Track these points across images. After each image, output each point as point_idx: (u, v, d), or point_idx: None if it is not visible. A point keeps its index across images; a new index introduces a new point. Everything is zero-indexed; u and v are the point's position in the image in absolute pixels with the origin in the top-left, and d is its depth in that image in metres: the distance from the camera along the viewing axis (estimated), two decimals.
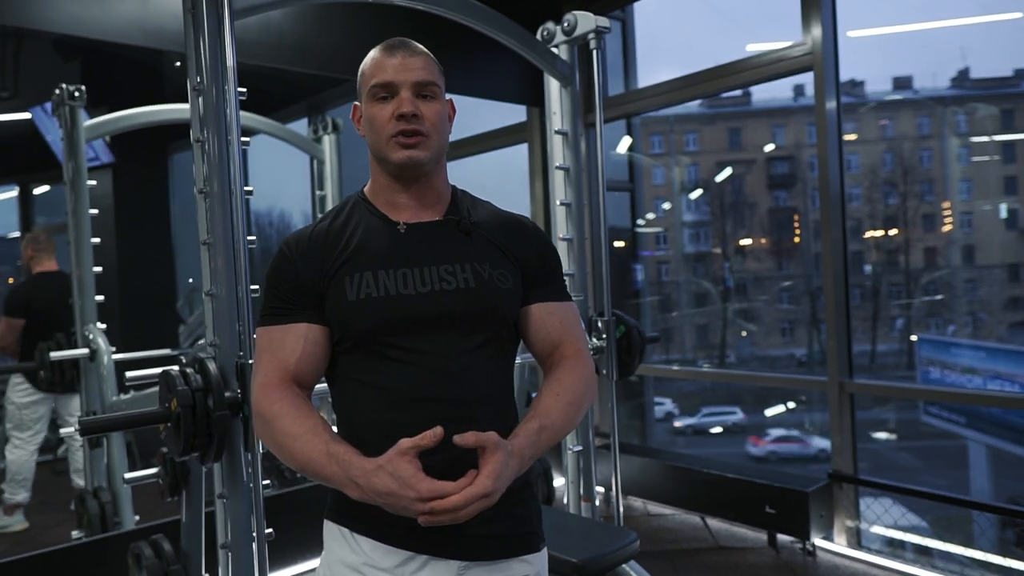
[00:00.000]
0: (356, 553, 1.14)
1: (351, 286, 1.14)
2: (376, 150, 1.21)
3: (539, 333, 1.25)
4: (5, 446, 3.88)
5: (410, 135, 1.16)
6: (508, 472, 1.04)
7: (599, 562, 1.88)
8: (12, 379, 3.79)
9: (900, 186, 15.09)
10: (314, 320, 1.16)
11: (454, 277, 1.16)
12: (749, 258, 16.12)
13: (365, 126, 1.23)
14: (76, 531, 3.08)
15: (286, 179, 6.63)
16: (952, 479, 9.64)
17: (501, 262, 1.21)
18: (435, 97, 1.20)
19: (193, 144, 1.63)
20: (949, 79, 14.47)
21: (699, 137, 16.61)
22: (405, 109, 1.16)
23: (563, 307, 1.28)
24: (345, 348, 1.16)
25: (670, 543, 3.40)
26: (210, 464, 1.60)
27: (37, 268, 3.86)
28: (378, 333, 1.13)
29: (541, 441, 1.12)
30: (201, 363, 1.58)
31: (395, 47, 1.21)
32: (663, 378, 7.55)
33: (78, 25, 2.57)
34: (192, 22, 1.60)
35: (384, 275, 1.15)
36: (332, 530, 1.19)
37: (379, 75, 1.18)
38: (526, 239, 1.27)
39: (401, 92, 1.17)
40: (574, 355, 1.24)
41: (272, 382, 1.14)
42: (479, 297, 1.16)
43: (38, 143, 5.04)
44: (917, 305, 14.50)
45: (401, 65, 1.18)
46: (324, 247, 1.18)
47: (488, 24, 2.22)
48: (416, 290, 1.15)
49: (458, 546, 1.11)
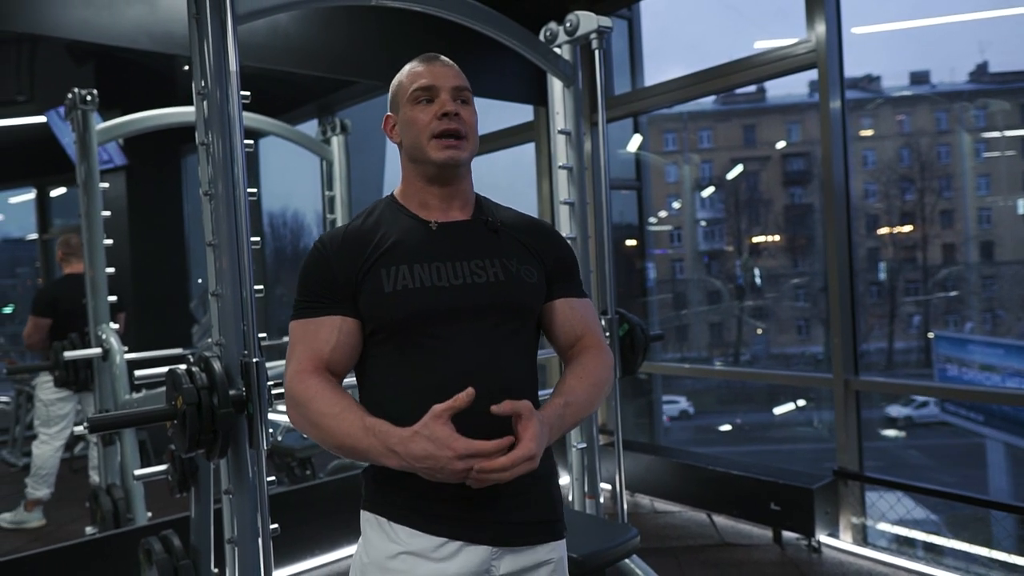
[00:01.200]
0: (394, 542, 1.19)
1: (387, 278, 1.20)
2: (416, 151, 1.27)
3: (563, 326, 1.32)
4: (32, 442, 3.97)
5: (452, 135, 1.24)
6: (543, 438, 1.11)
7: (599, 557, 1.91)
8: (41, 376, 3.88)
9: (917, 182, 14.93)
10: (348, 313, 1.21)
11: (484, 271, 1.23)
12: (764, 255, 16.02)
13: (404, 129, 1.29)
14: (90, 527, 3.15)
15: (299, 180, 6.69)
16: (968, 478, 9.53)
17: (527, 259, 1.29)
18: (470, 102, 1.29)
19: (198, 147, 1.67)
20: (967, 74, 14.29)
21: (713, 134, 16.51)
22: (449, 108, 1.24)
23: (584, 303, 1.36)
24: (378, 340, 1.22)
25: (676, 540, 3.41)
26: (215, 461, 1.64)
27: (67, 269, 3.96)
28: (413, 323, 1.18)
29: (567, 416, 1.19)
30: (206, 362, 1.61)
31: (431, 58, 1.30)
32: (676, 376, 7.53)
33: (89, 31, 2.63)
34: (196, 27, 1.63)
35: (419, 268, 1.21)
36: (369, 520, 1.24)
37: (419, 80, 1.27)
38: (548, 239, 1.35)
39: (442, 94, 1.25)
40: (595, 344, 1.32)
41: (306, 369, 1.19)
42: (509, 289, 1.23)
43: (54, 146, 5.13)
44: (934, 302, 14.34)
45: (440, 71, 1.27)
46: (358, 244, 1.24)
47: (490, 25, 2.24)
48: (449, 282, 1.21)
49: (491, 532, 1.17)
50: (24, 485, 3.94)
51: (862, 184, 13.56)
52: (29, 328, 3.87)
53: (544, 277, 1.30)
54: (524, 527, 1.20)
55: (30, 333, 3.87)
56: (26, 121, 5.56)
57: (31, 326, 3.86)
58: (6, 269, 9.41)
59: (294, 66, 3.22)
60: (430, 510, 1.17)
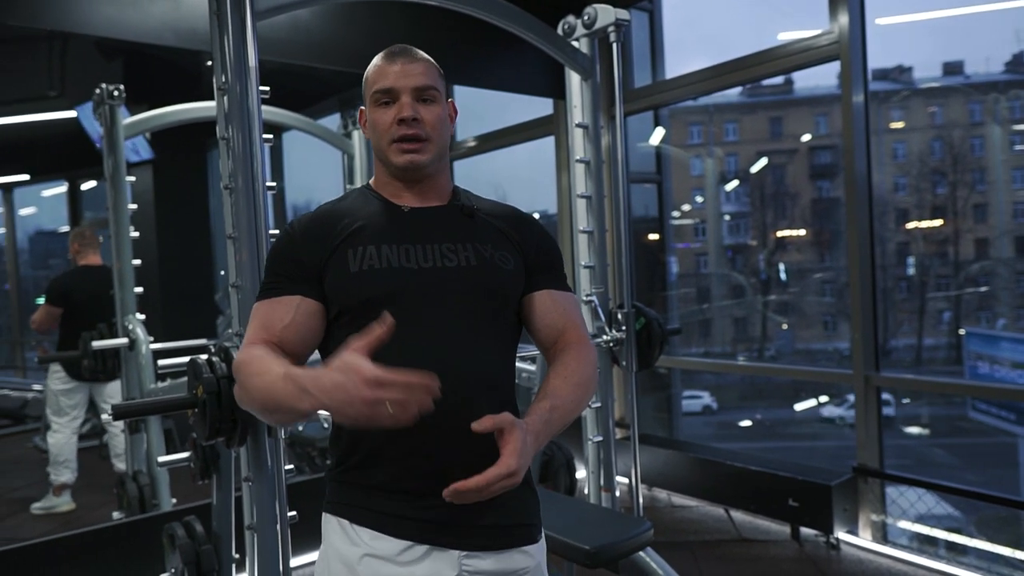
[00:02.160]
0: (356, 544, 1.14)
1: (353, 258, 1.17)
2: (379, 152, 1.26)
3: (544, 319, 1.27)
4: (47, 432, 4.07)
5: (411, 140, 1.21)
6: (527, 450, 1.04)
7: (612, 549, 1.91)
8: (51, 367, 3.97)
9: (949, 175, 14.64)
10: (308, 294, 1.18)
11: (455, 255, 1.19)
12: (789, 250, 15.82)
13: (369, 129, 1.28)
14: (117, 512, 3.22)
15: (321, 173, 6.75)
16: (998, 478, 9.35)
17: (503, 245, 1.25)
18: (435, 101, 1.24)
19: (219, 141, 1.70)
20: (1003, 63, 13.95)
21: (739, 127, 16.33)
22: (405, 114, 1.20)
23: (566, 296, 1.31)
24: (343, 322, 1.17)
25: (693, 534, 3.41)
26: (235, 449, 1.68)
27: (82, 261, 4.04)
28: (378, 304, 1.11)
29: (553, 420, 1.12)
30: (226, 352, 1.65)
31: (396, 54, 1.25)
32: (698, 372, 7.49)
33: (116, 28, 2.68)
34: (217, 23, 1.66)
35: (387, 249, 1.18)
36: (331, 522, 1.19)
37: (381, 81, 1.23)
38: (527, 229, 1.30)
39: (402, 97, 1.22)
40: (578, 341, 1.26)
41: (251, 342, 1.15)
42: (480, 274, 1.19)
43: (84, 140, 5.23)
44: (966, 298, 14.06)
45: (401, 71, 1.22)
46: (326, 225, 1.21)
47: (507, 19, 2.25)
48: (418, 264, 1.17)
49: (459, 536, 1.12)
50: (48, 472, 4.04)
51: (892, 177, 13.34)
52: (41, 314, 3.98)
53: (523, 266, 1.26)
54: (497, 530, 1.15)
55: (40, 319, 3.97)
56: (57, 116, 5.68)
57: (43, 312, 3.97)
58: (40, 260, 9.63)
59: (315, 61, 3.25)
60: (394, 511, 1.12)
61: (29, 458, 4.99)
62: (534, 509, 1.24)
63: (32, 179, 7.94)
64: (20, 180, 7.97)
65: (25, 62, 4.91)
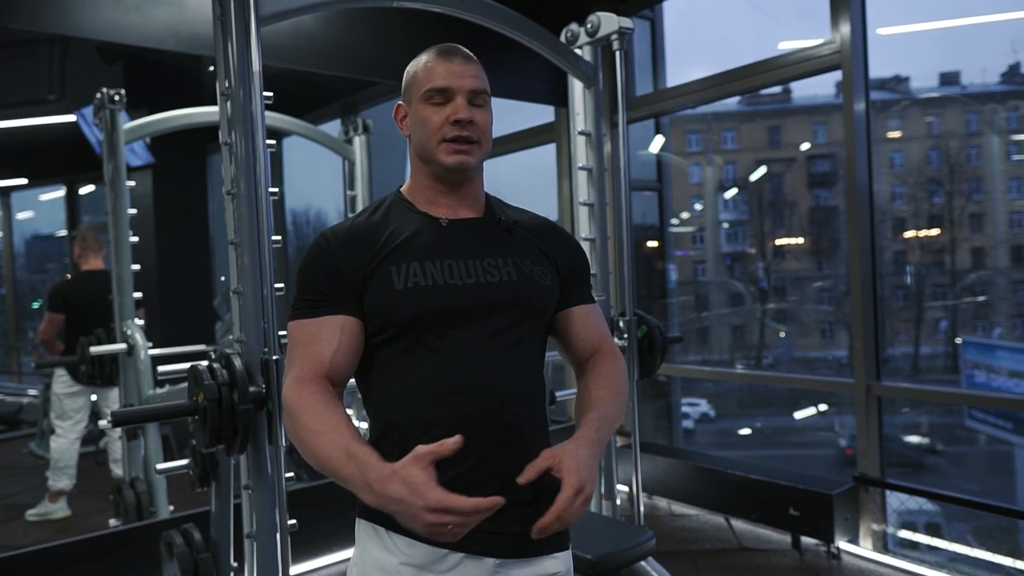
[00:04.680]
0: (391, 552, 1.14)
1: (398, 275, 1.15)
2: (424, 151, 1.22)
3: (580, 334, 1.29)
4: (50, 436, 4.05)
5: (463, 141, 1.19)
6: (585, 462, 1.06)
7: (613, 559, 1.90)
8: (56, 371, 3.96)
9: (946, 184, 14.68)
10: (351, 312, 1.16)
11: (498, 270, 1.19)
12: (788, 258, 15.84)
13: (414, 127, 1.23)
14: (114, 519, 3.20)
15: (322, 179, 6.75)
16: (995, 487, 9.34)
17: (540, 260, 1.25)
18: (485, 105, 1.23)
19: (222, 146, 1.69)
20: (999, 74, 14.02)
21: (737, 135, 16.38)
22: (463, 115, 1.18)
23: (595, 309, 1.34)
24: (384, 339, 1.16)
25: (693, 543, 3.39)
26: (235, 456, 1.66)
27: (84, 266, 4.03)
28: (424, 322, 1.13)
29: (603, 428, 1.15)
30: (227, 359, 1.64)
31: (451, 53, 1.22)
32: (696, 379, 7.48)
33: (117, 32, 2.67)
34: (221, 28, 1.65)
35: (431, 265, 1.16)
36: (366, 528, 1.18)
37: (435, 79, 1.20)
38: (561, 242, 1.31)
39: (457, 98, 1.19)
40: (611, 351, 1.30)
41: (306, 376, 1.13)
42: (522, 290, 1.19)
43: (83, 145, 5.22)
44: (962, 307, 14.08)
45: (458, 71, 1.20)
46: (366, 239, 1.18)
47: (511, 26, 2.25)
48: (462, 280, 1.16)
49: (493, 543, 1.13)
50: (47, 478, 4.02)
51: (889, 187, 13.36)
52: (44, 324, 3.99)
53: (557, 280, 1.26)
54: (528, 537, 1.12)
55: (44, 329, 3.99)
56: (56, 120, 5.67)
57: (45, 322, 3.98)
58: (36, 265, 9.60)
59: (317, 67, 3.25)
60: None
61: (25, 464, 4.96)
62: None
63: (30, 183, 7.93)
64: (18, 184, 7.96)
65: (25, 65, 4.90)
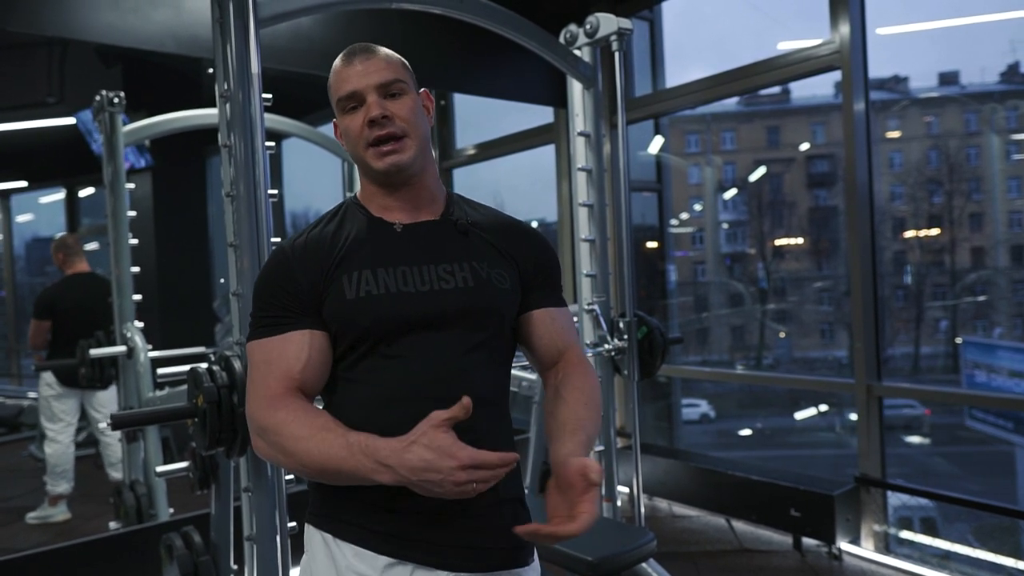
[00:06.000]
0: (337, 561, 1.10)
1: (349, 284, 1.11)
2: (358, 161, 1.20)
3: (543, 339, 1.24)
4: (43, 441, 4.04)
5: (386, 140, 1.14)
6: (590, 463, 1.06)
7: (614, 560, 1.90)
8: (41, 375, 3.95)
9: (946, 184, 14.68)
10: (316, 326, 1.11)
11: (452, 276, 1.15)
12: (788, 258, 15.83)
13: (344, 138, 1.21)
14: (113, 522, 3.19)
15: (321, 181, 6.75)
16: (996, 487, 9.33)
17: (498, 262, 1.20)
18: (403, 93, 1.17)
19: (221, 149, 1.69)
20: (998, 74, 14.02)
21: (736, 135, 16.37)
22: (373, 114, 1.14)
23: (563, 312, 1.28)
24: (342, 350, 1.13)
25: (694, 544, 3.39)
26: (235, 458, 1.66)
27: (69, 271, 4.02)
28: (378, 331, 1.09)
29: (589, 448, 1.14)
30: (227, 361, 1.63)
31: (353, 54, 1.18)
32: (696, 380, 7.47)
33: (116, 34, 2.67)
34: (219, 31, 1.65)
35: (384, 273, 1.12)
36: (314, 536, 1.15)
37: (343, 87, 1.17)
38: (524, 242, 1.25)
39: (367, 98, 1.15)
40: (580, 361, 1.25)
41: (277, 392, 1.07)
42: (478, 296, 1.15)
43: (82, 147, 5.22)
44: (962, 307, 14.07)
45: (361, 71, 1.16)
46: (321, 249, 1.14)
47: (509, 27, 2.25)
48: (416, 288, 1.12)
49: (445, 556, 1.09)
50: (45, 482, 4.01)
51: (888, 187, 13.35)
52: (31, 330, 3.98)
53: (519, 283, 1.22)
54: (484, 552, 1.10)
55: (32, 335, 3.98)
56: (56, 123, 5.67)
57: (32, 328, 3.97)
58: (36, 267, 9.59)
59: (316, 68, 3.24)
60: (379, 526, 1.07)
61: (25, 467, 4.96)
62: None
63: (30, 185, 7.92)
64: (18, 186, 7.96)
65: (24, 68, 4.90)
